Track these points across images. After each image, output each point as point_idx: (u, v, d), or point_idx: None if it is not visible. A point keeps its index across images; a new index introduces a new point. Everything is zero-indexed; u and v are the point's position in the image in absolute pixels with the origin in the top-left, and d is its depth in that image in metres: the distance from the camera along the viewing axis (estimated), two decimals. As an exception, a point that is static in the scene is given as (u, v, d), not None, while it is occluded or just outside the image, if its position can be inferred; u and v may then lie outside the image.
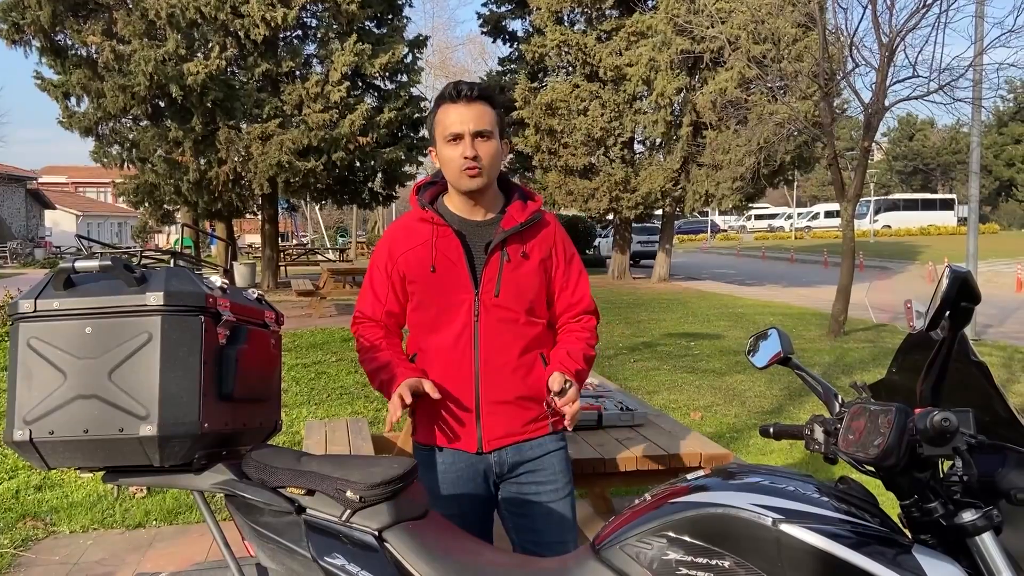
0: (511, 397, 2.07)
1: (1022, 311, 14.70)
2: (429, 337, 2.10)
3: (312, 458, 1.67)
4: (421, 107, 19.05)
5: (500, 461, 2.09)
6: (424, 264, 2.08)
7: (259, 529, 1.63)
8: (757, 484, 1.43)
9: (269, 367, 1.83)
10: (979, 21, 10.45)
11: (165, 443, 1.52)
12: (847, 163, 16.76)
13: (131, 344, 1.53)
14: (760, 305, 15.49)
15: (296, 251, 30.17)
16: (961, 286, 1.34)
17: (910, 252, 30.57)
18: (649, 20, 17.85)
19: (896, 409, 1.33)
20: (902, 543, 1.35)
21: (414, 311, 2.14)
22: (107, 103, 15.72)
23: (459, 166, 2.01)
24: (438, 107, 2.06)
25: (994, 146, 57.64)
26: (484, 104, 2.04)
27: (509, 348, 2.07)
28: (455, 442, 2.08)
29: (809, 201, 65.10)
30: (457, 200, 2.12)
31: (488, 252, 2.07)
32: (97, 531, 4.05)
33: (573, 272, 2.20)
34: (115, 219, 50.98)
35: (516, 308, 2.08)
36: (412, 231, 2.13)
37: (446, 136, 2.03)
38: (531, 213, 2.11)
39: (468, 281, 2.06)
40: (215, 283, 1.68)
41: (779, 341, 1.86)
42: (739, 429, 6.05)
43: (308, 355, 9.09)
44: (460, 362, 2.06)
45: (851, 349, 9.90)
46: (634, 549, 1.43)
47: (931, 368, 1.44)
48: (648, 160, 19.15)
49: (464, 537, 1.70)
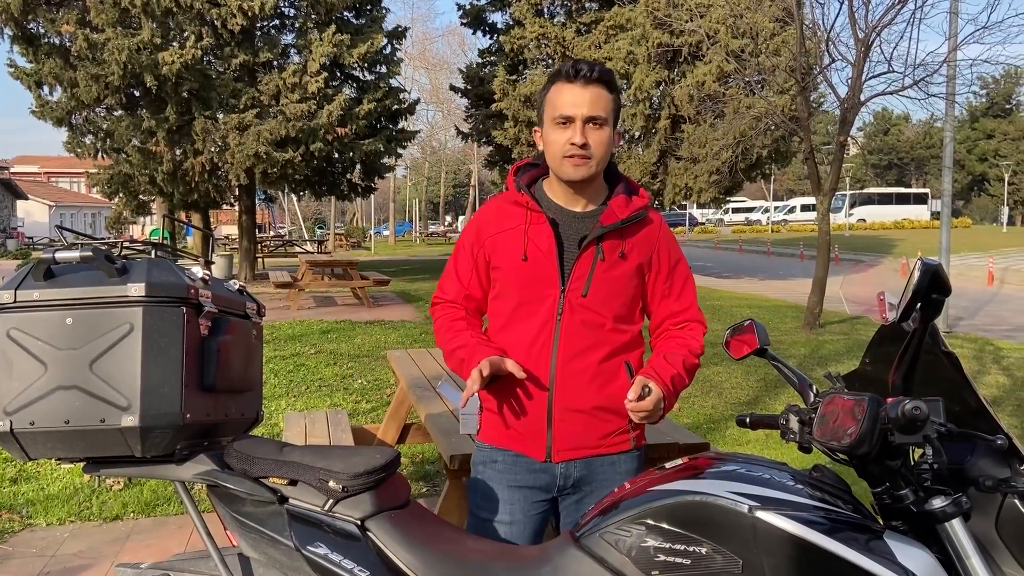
0: (587, 406, 1.90)
1: (993, 304, 14.95)
2: (507, 330, 1.95)
3: (294, 448, 1.68)
4: (400, 98, 18.97)
5: (566, 474, 1.93)
6: (513, 251, 1.92)
7: (241, 519, 1.64)
8: (734, 472, 1.46)
9: (251, 358, 1.83)
10: (953, 17, 10.59)
11: (147, 434, 1.52)
12: (823, 157, 16.92)
13: (112, 335, 1.53)
14: (737, 297, 15.62)
15: (273, 243, 29.96)
16: (932, 278, 1.37)
17: (884, 246, 30.94)
18: (628, 13, 17.87)
19: (869, 399, 1.36)
20: (874, 529, 1.38)
21: (495, 299, 1.99)
22: (80, 92, 15.49)
23: (563, 152, 1.85)
24: (552, 84, 1.90)
25: (967, 141, 58.48)
26: (602, 88, 1.86)
27: (590, 353, 1.90)
28: (521, 446, 1.92)
29: (785, 195, 65.67)
30: (557, 187, 1.95)
31: (582, 247, 1.90)
32: (74, 523, 4.02)
33: (678, 279, 2.01)
34: (89, 209, 50.29)
35: (604, 312, 1.91)
36: (504, 214, 1.97)
37: (555, 117, 1.86)
38: (635, 210, 1.92)
39: (556, 276, 1.90)
40: (197, 274, 1.67)
41: (756, 332, 1.88)
42: (716, 420, 6.11)
43: (287, 347, 9.05)
44: (537, 362, 1.89)
45: (826, 341, 10.03)
46: (613, 536, 1.45)
47: (903, 359, 1.48)
48: (627, 153, 19.21)
49: (445, 526, 1.71)
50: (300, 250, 27.66)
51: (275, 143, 16.09)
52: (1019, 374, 8.01)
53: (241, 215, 19.35)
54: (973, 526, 1.38)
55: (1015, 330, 11.43)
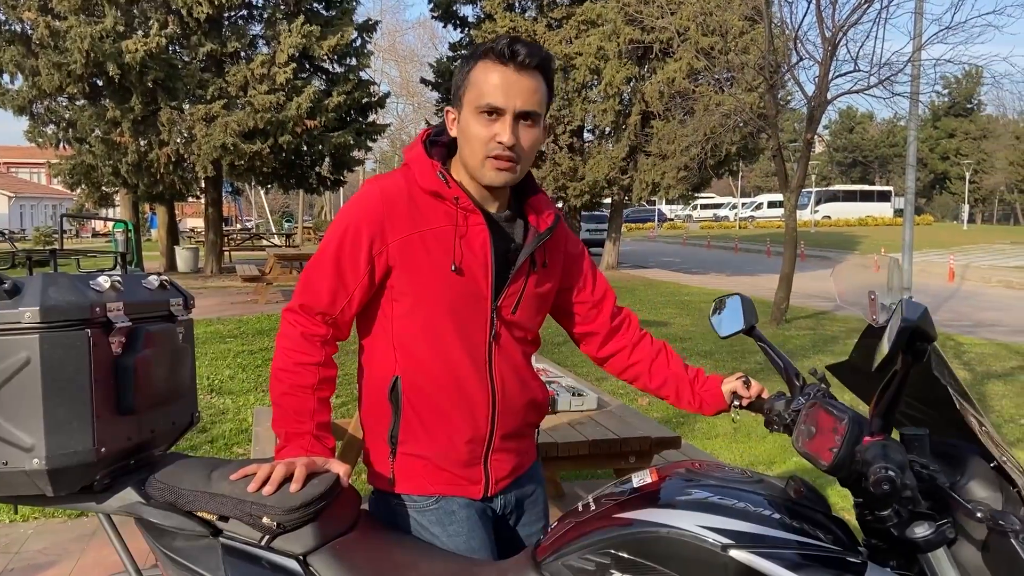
0: (521, 429, 1.71)
1: (954, 300, 15.27)
2: (428, 358, 1.59)
3: (224, 474, 1.49)
4: (370, 91, 18.85)
5: (505, 503, 1.72)
6: (439, 258, 1.56)
7: (172, 556, 1.50)
8: (706, 502, 1.36)
9: (178, 363, 1.66)
10: (918, 17, 10.76)
11: (57, 475, 1.37)
12: (790, 154, 17.12)
13: (6, 367, 1.34)
14: (705, 293, 15.78)
15: (240, 236, 29.60)
16: (911, 336, 1.20)
17: (849, 242, 31.44)
18: (600, 9, 17.93)
19: (849, 419, 1.31)
20: (855, 566, 1.29)
21: (403, 317, 1.59)
22: (42, 81, 15.18)
23: (488, 151, 1.53)
24: (478, 60, 1.54)
25: (929, 140, 59.59)
26: (540, 77, 1.54)
27: (520, 372, 1.68)
28: (458, 489, 1.64)
29: (753, 191, 66.39)
30: (466, 179, 1.61)
31: (521, 258, 1.62)
32: (38, 520, 3.95)
33: (588, 267, 1.82)
34: (50, 200, 49.27)
35: (530, 326, 1.69)
36: (420, 208, 1.57)
37: (481, 105, 1.52)
38: (554, 215, 1.69)
39: (487, 290, 1.59)
40: (103, 284, 1.47)
41: (742, 309, 1.77)
42: (686, 414, 6.17)
43: (255, 342, 8.96)
44: (475, 392, 1.60)
45: (793, 336, 10.17)
46: (577, 565, 1.38)
47: (882, 397, 1.34)
48: (597, 148, 19.28)
49: (396, 549, 1.57)
50: (268, 243, 27.34)
51: (243, 135, 15.89)
52: (980, 369, 8.20)
53: (207, 207, 19.10)
54: (957, 551, 1.28)
55: (976, 326, 11.69)
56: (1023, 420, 6.15)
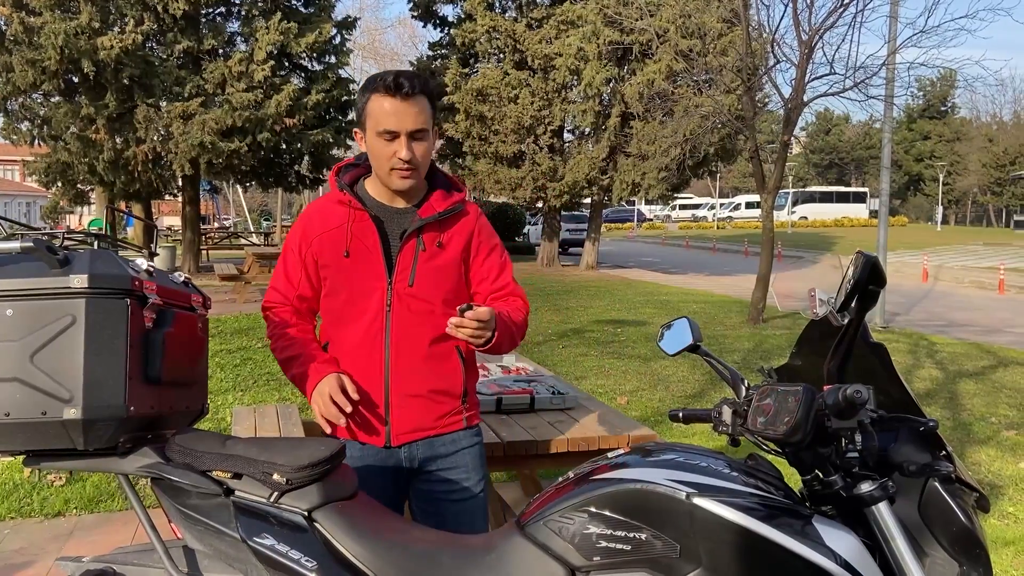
0: (423, 390, 2.01)
1: (927, 300, 15.49)
2: (340, 326, 2.03)
3: (238, 441, 1.67)
4: (349, 89, 18.76)
5: (410, 456, 2.03)
6: (338, 248, 2.00)
7: (187, 511, 1.63)
8: (672, 461, 1.51)
9: (196, 351, 1.81)
10: (893, 21, 10.91)
11: (90, 426, 1.50)
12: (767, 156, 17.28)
13: (54, 327, 1.50)
14: (683, 293, 15.89)
15: (218, 234, 29.39)
16: (871, 269, 1.45)
17: (824, 243, 31.75)
18: (580, 10, 17.98)
19: (803, 388, 1.43)
20: (804, 514, 1.45)
21: (326, 297, 2.06)
22: (16, 77, 14.97)
23: (391, 165, 1.93)
24: (371, 93, 1.92)
25: (904, 142, 60.29)
26: (423, 98, 1.92)
27: (422, 339, 2.00)
28: (364, 436, 2.01)
29: (731, 192, 66.85)
30: (379, 185, 2.03)
31: (403, 240, 2.00)
32: (15, 520, 3.92)
33: (494, 262, 2.12)
34: (23, 198, 48.52)
35: (432, 299, 2.00)
36: (328, 213, 2.04)
37: (379, 130, 1.91)
38: (451, 203, 2.04)
39: (382, 269, 1.99)
40: (141, 266, 1.65)
41: (689, 330, 1.93)
42: (663, 413, 6.23)
43: (233, 341, 8.91)
44: (370, 353, 1.99)
45: (770, 336, 10.28)
46: (557, 524, 1.50)
47: (838, 348, 1.55)
48: (577, 149, 19.33)
49: (392, 517, 1.73)
50: (246, 242, 27.19)
51: (221, 133, 15.77)
52: (952, 368, 8.33)
53: (185, 206, 18.93)
54: (898, 510, 1.46)
55: (948, 325, 11.87)
56: (994, 419, 6.27)
